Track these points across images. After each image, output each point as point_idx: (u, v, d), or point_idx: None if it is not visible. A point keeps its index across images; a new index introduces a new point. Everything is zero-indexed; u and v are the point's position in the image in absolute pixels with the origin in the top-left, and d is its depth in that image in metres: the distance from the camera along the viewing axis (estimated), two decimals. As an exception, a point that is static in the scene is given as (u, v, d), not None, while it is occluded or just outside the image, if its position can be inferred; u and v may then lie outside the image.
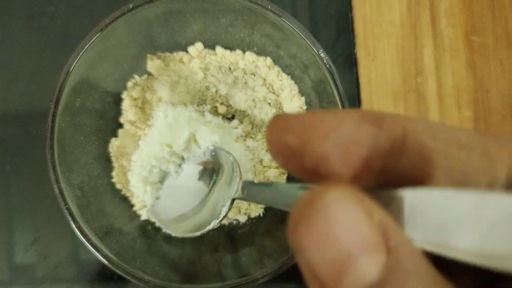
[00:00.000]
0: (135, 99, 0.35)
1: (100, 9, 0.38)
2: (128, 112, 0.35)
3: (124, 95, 0.35)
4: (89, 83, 0.31)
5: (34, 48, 0.38)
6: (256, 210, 0.35)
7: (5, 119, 0.38)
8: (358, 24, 0.38)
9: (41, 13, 0.38)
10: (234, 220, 0.35)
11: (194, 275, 0.31)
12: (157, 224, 0.32)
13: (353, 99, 0.38)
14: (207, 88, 0.36)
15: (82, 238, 0.29)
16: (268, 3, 0.29)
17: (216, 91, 0.36)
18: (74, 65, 0.29)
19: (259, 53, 0.35)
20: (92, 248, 0.29)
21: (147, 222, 0.34)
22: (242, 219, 0.35)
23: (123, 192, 0.34)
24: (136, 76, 0.35)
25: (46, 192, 0.37)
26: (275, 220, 0.34)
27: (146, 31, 0.32)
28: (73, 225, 0.29)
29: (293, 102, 0.34)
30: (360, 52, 0.38)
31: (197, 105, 0.36)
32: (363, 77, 0.38)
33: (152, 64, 0.35)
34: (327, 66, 0.29)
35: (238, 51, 0.35)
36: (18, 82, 0.38)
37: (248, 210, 0.35)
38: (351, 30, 0.38)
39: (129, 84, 0.35)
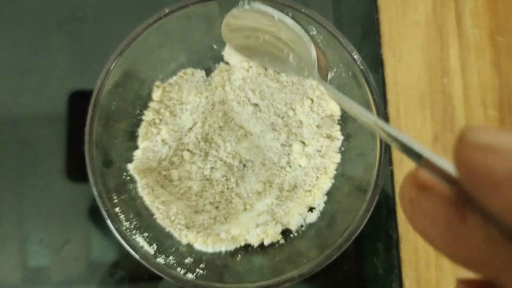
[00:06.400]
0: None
1: (128, 13, 0.39)
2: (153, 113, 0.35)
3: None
4: (124, 87, 0.32)
5: (63, 52, 0.39)
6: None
7: (35, 122, 0.38)
8: (384, 25, 0.39)
9: (70, 18, 0.39)
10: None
11: (229, 274, 0.32)
12: None
13: (379, 100, 0.38)
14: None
15: (121, 239, 0.29)
16: (302, 6, 0.30)
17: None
18: (111, 69, 0.30)
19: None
20: (131, 250, 0.29)
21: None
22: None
23: (155, 217, 0.34)
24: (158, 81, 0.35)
25: (76, 194, 0.38)
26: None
27: (179, 34, 0.33)
28: (112, 227, 0.29)
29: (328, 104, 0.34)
30: (386, 53, 0.39)
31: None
32: (389, 78, 0.38)
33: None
34: (361, 68, 0.30)
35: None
36: (47, 85, 0.38)
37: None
38: (377, 31, 0.39)
39: (158, 91, 0.35)
